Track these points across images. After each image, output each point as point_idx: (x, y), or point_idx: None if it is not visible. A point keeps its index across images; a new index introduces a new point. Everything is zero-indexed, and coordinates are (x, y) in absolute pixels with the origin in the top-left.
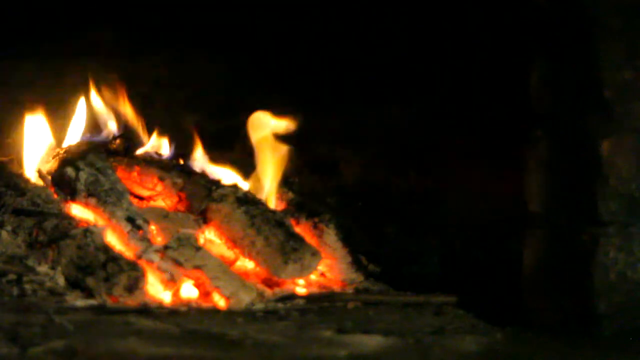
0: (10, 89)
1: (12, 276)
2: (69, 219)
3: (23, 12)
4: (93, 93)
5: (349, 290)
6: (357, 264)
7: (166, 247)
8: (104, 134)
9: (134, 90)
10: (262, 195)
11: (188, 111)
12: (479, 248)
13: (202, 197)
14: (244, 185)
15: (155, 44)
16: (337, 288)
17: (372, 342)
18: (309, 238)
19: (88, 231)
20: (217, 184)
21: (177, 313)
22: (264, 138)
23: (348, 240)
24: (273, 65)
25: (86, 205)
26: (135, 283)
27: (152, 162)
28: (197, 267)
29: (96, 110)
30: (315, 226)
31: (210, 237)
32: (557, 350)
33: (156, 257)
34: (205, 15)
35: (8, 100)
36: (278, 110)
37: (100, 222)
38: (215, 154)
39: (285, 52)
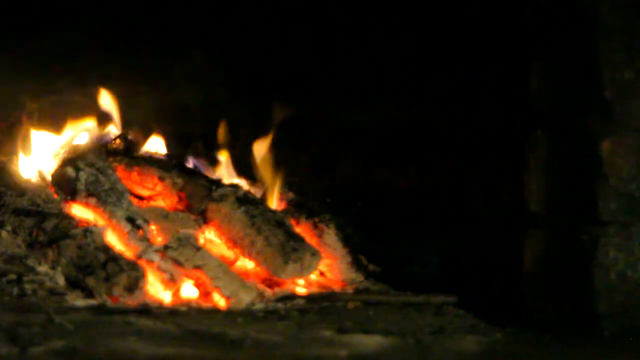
0: (10, 89)
1: (12, 276)
2: (69, 219)
3: (25, 9)
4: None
5: (349, 290)
6: (357, 264)
7: (166, 247)
8: (104, 133)
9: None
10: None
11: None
12: (478, 248)
13: (202, 197)
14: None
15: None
16: (337, 288)
17: (372, 342)
18: (309, 238)
19: (88, 231)
20: (217, 184)
21: (177, 313)
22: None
23: (348, 240)
24: (273, 64)
25: (86, 205)
26: (135, 283)
27: (152, 162)
28: (197, 267)
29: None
30: (315, 226)
31: (210, 237)
32: (557, 350)
33: (156, 257)
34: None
35: (8, 101)
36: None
37: (100, 222)
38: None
39: (285, 51)
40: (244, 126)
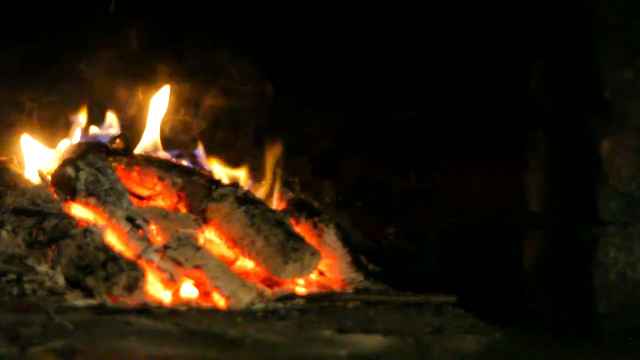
0: (10, 88)
1: (12, 276)
2: (69, 219)
3: (23, 7)
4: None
5: (349, 290)
6: (357, 264)
7: (166, 247)
8: (104, 134)
9: None
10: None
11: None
12: (479, 248)
13: (202, 197)
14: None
15: None
16: (337, 288)
17: (372, 342)
18: (309, 238)
19: (88, 231)
20: (217, 184)
21: (177, 313)
22: None
23: (348, 240)
24: (273, 64)
25: (86, 205)
26: (135, 283)
27: (152, 162)
28: (197, 267)
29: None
30: (315, 226)
31: (210, 237)
32: (557, 350)
33: (156, 257)
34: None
35: (8, 101)
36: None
37: (100, 222)
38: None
39: (285, 52)
40: (244, 126)
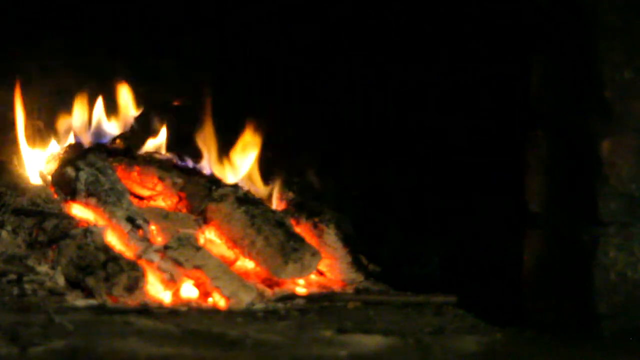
0: (10, 89)
1: (12, 276)
2: (69, 219)
3: (27, 11)
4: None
5: (349, 290)
6: (357, 264)
7: (166, 247)
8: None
9: None
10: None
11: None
12: (479, 248)
13: (202, 197)
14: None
15: None
16: (337, 288)
17: (372, 342)
18: (309, 238)
19: (88, 231)
20: (217, 183)
21: (177, 313)
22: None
23: (348, 240)
24: (272, 65)
25: (86, 205)
26: (135, 283)
27: (152, 162)
28: (197, 267)
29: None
30: (315, 226)
31: (210, 237)
32: (557, 350)
33: (156, 257)
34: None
35: (9, 101)
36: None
37: (100, 222)
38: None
39: (286, 51)
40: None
